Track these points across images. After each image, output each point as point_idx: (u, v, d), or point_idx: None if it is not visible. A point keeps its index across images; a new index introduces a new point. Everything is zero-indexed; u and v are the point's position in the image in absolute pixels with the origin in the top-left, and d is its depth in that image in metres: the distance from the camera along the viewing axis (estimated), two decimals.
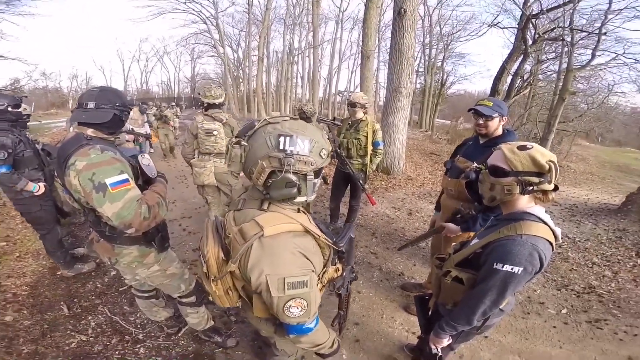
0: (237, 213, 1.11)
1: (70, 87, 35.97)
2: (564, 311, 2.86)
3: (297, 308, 0.99)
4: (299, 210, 1.13)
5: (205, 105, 3.21)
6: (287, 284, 0.95)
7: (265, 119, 1.02)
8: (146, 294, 2.10)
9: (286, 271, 0.96)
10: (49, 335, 2.28)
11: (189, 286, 2.02)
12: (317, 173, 1.07)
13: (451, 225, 2.08)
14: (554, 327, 2.66)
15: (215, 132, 3.16)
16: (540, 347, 2.44)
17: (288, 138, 0.95)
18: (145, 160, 1.68)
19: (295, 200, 1.05)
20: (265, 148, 0.96)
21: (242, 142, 1.00)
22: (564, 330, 2.63)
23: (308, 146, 0.98)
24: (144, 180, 1.73)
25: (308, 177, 1.01)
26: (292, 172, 0.97)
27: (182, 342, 2.32)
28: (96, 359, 2.14)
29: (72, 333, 2.32)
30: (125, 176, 1.45)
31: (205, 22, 23.31)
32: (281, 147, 0.94)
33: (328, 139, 1.11)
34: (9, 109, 2.59)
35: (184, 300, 2.04)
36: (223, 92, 3.28)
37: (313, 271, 1.04)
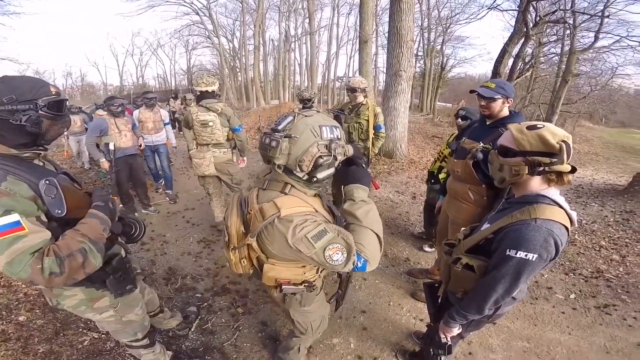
0: (261, 192, 1.24)
1: (65, 85, 35.86)
2: (572, 296, 2.82)
3: (337, 254, 1.08)
4: (315, 195, 1.27)
5: (198, 94, 3.13)
6: (311, 238, 1.05)
7: (299, 112, 1.17)
8: (151, 313, 2.00)
9: (304, 231, 1.06)
10: (62, 334, 2.28)
11: (144, 331, 1.72)
12: None
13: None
14: (563, 312, 2.63)
15: (210, 123, 3.10)
16: (549, 334, 2.41)
17: (328, 128, 1.14)
18: (49, 190, 1.12)
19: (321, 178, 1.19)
20: (312, 137, 1.11)
21: (293, 135, 1.10)
22: (573, 316, 2.59)
23: (339, 133, 1.17)
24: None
25: (339, 158, 1.18)
26: (337, 155, 1.15)
27: (192, 336, 2.33)
28: (109, 356, 2.14)
29: (84, 331, 2.31)
30: (12, 218, 1.01)
31: (197, 13, 22.78)
32: (325, 135, 1.13)
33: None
34: None
35: (135, 344, 1.73)
36: (216, 80, 3.20)
37: (326, 222, 1.15)
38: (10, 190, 1.05)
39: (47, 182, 1.12)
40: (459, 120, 2.85)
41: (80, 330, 2.32)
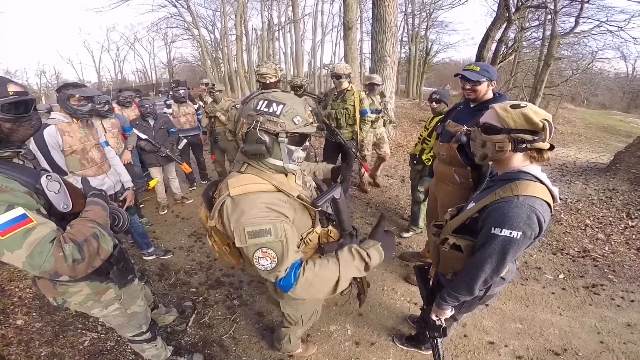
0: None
1: (40, 84, 34.63)
2: (561, 276, 2.88)
3: (266, 259, 1.05)
4: (287, 175, 1.21)
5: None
6: (247, 233, 1.02)
7: (262, 91, 1.13)
8: None
9: (246, 222, 1.03)
10: (62, 336, 2.27)
11: (148, 322, 1.73)
12: (296, 142, 1.14)
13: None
14: (553, 293, 2.68)
15: None
16: (541, 314, 2.45)
17: (265, 102, 1.09)
18: (52, 185, 1.10)
19: (269, 162, 1.12)
20: (249, 109, 1.11)
21: (237, 105, 1.14)
22: (563, 297, 2.64)
23: (280, 109, 1.07)
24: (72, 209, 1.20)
25: (279, 138, 1.09)
26: (263, 129, 1.07)
27: (190, 330, 2.32)
28: (110, 355, 2.13)
29: (83, 331, 2.30)
30: (18, 212, 0.98)
31: (175, 5, 21.99)
32: (257, 108, 1.09)
33: (312, 110, 1.17)
34: None
35: (138, 339, 1.72)
36: (270, 69, 3.11)
37: (285, 222, 1.08)
38: (5, 187, 1.01)
39: (49, 177, 1.08)
40: (433, 103, 3.13)
41: (79, 331, 2.31)
